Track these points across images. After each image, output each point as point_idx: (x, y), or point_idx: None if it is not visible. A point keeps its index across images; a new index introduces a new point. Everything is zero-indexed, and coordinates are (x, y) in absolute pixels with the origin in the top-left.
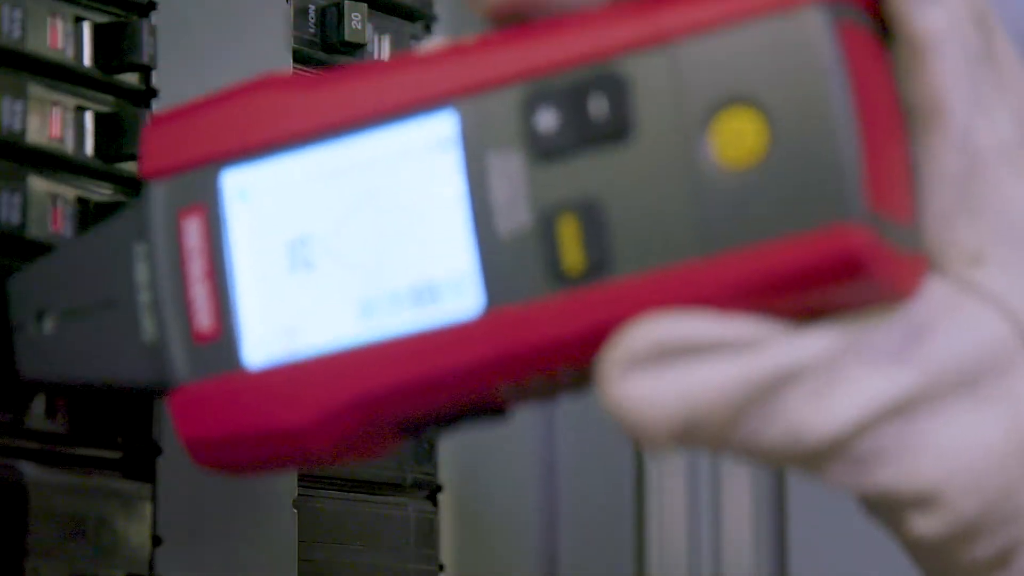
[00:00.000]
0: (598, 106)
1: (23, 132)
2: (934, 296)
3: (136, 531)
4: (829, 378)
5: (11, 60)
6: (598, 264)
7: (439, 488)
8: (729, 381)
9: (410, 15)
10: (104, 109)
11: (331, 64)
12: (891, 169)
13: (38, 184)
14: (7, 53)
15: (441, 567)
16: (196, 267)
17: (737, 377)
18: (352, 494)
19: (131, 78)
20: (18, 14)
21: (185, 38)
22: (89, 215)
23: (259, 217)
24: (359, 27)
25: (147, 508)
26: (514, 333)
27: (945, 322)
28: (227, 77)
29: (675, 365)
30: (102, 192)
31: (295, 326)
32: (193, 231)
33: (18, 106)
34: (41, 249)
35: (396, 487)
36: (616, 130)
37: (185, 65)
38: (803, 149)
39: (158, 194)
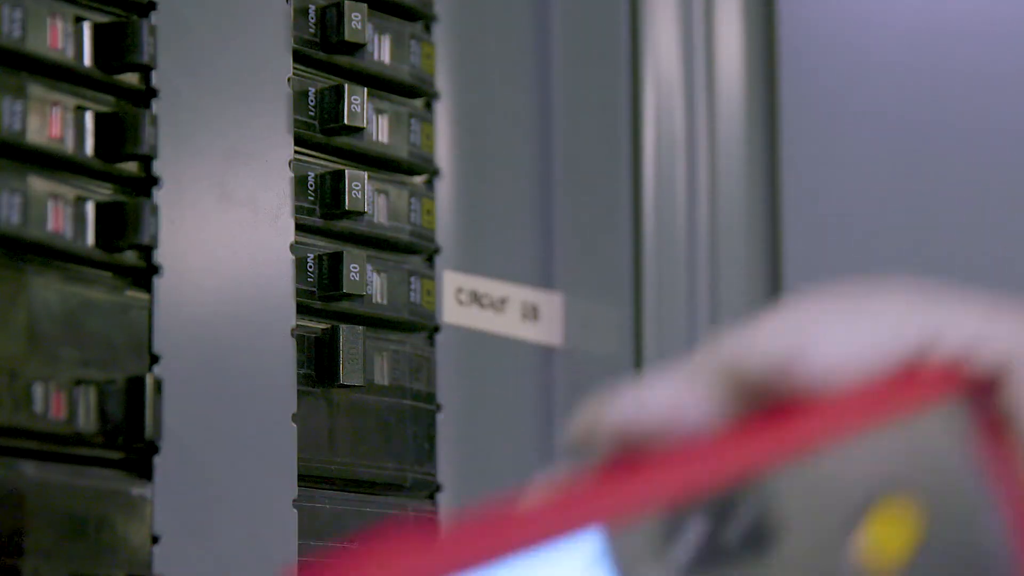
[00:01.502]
0: (742, 526)
1: (23, 132)
2: None
3: (136, 531)
4: None
5: (11, 60)
6: None
7: (439, 488)
8: None
9: (410, 15)
10: (104, 109)
11: (331, 64)
12: None
13: (38, 184)
14: (7, 53)
15: None
16: None
17: None
18: (352, 494)
19: (131, 78)
20: (18, 14)
21: (185, 38)
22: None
23: None
24: (359, 27)
25: (146, 508)
26: None
27: None
28: (227, 77)
29: None
30: (102, 192)
31: None
32: None
33: (18, 106)
34: (41, 249)
35: (396, 487)
36: (760, 547)
37: (185, 65)
38: (955, 546)
39: None
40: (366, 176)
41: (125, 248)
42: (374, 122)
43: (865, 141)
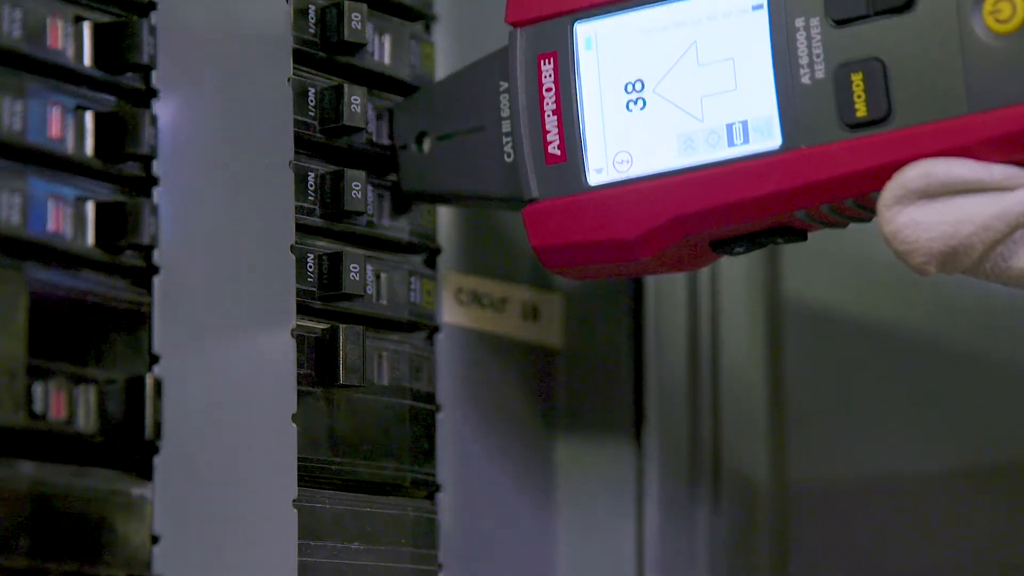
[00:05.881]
0: None
1: (23, 132)
2: None
3: (136, 530)
4: None
5: (11, 60)
6: (880, 116)
7: (439, 488)
8: (987, 216)
9: (410, 15)
10: (104, 109)
11: (331, 64)
12: None
13: (38, 184)
14: (7, 53)
15: (441, 567)
16: (550, 102)
17: (994, 213)
18: (352, 494)
19: (131, 78)
20: (18, 14)
21: (185, 38)
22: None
23: (602, 62)
24: (359, 27)
25: (146, 507)
26: (808, 168)
27: None
28: (227, 77)
29: (943, 200)
30: (102, 192)
31: (628, 155)
32: (548, 72)
33: (18, 106)
34: (42, 249)
35: (396, 487)
36: (901, 0)
37: (185, 65)
38: None
39: (521, 40)
40: (366, 176)
41: (125, 248)
42: (374, 122)
43: None
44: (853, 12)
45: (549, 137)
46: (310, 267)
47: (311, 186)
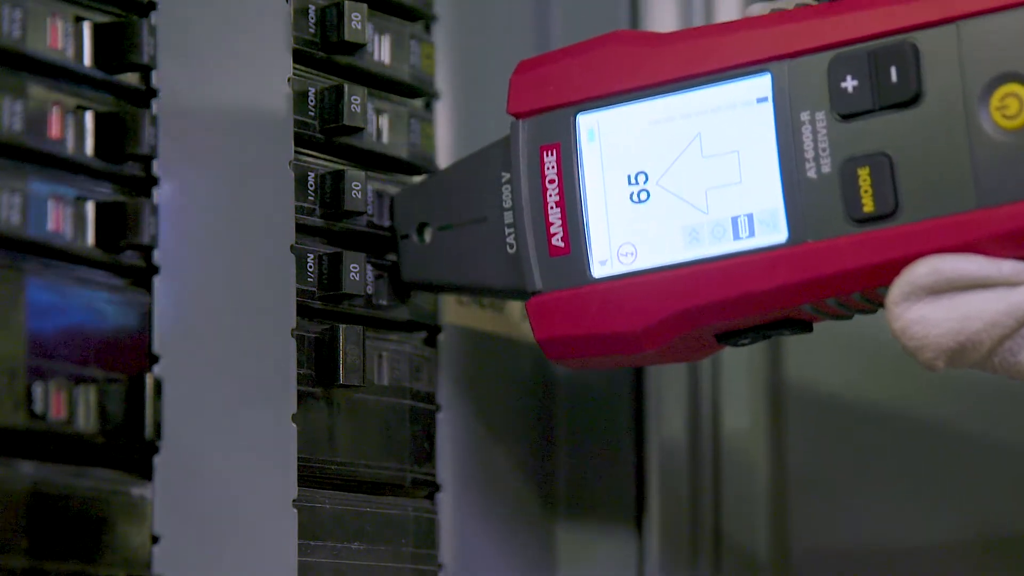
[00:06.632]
0: (894, 73)
1: (23, 132)
2: None
3: (136, 530)
4: None
5: (11, 60)
6: (887, 211)
7: (439, 488)
8: (995, 312)
9: (410, 15)
10: (104, 109)
11: (331, 64)
12: None
13: (38, 183)
14: (7, 53)
15: (441, 567)
16: (554, 194)
17: (1002, 309)
18: (352, 494)
19: (131, 78)
20: (18, 14)
21: (185, 38)
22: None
23: (605, 154)
24: (359, 27)
25: (146, 507)
26: (815, 263)
27: None
28: (227, 77)
29: (951, 297)
30: (102, 192)
31: (633, 248)
32: (551, 164)
33: (18, 106)
34: (41, 249)
35: (396, 487)
36: (908, 95)
37: (185, 65)
38: None
39: (524, 132)
40: (366, 176)
41: (125, 248)
42: (374, 122)
43: None
44: (859, 107)
45: (552, 229)
46: (310, 267)
47: (311, 186)
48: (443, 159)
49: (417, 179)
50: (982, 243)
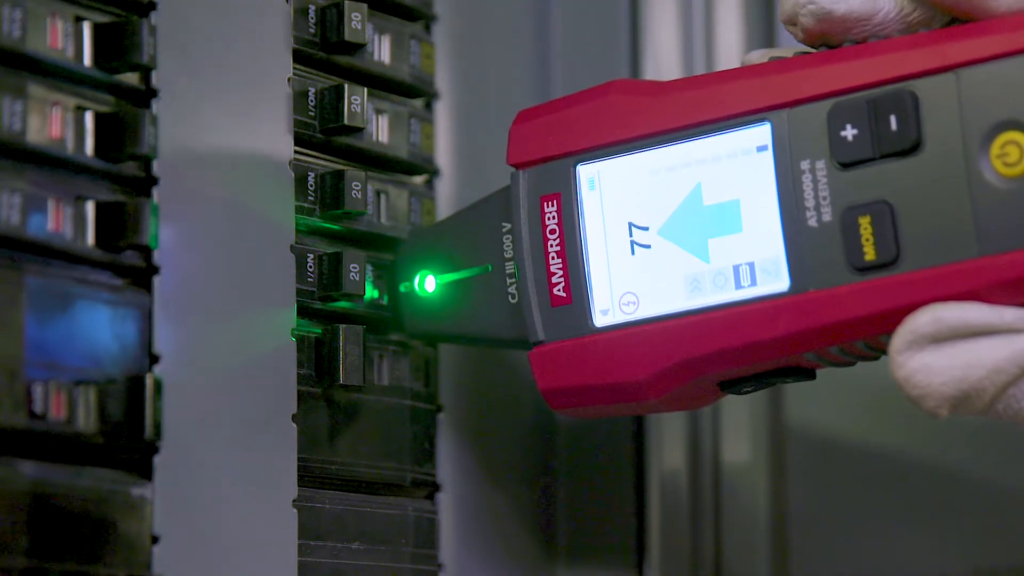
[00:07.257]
0: (894, 122)
1: (23, 132)
2: None
3: (136, 531)
4: None
5: (11, 60)
6: (889, 259)
7: (439, 488)
8: (998, 359)
9: (410, 15)
10: (104, 109)
11: (331, 64)
12: None
13: (38, 183)
14: (7, 53)
15: (441, 567)
16: (555, 244)
17: (1005, 356)
18: (352, 494)
19: (131, 78)
20: (18, 14)
21: (185, 38)
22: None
23: (606, 203)
24: (359, 27)
25: (146, 507)
26: (817, 311)
27: None
28: (227, 77)
29: (953, 344)
30: (102, 192)
31: (635, 297)
32: (552, 213)
33: (18, 106)
34: (41, 249)
35: (396, 487)
36: (908, 143)
37: (185, 65)
38: None
39: (524, 182)
40: (366, 176)
41: (125, 248)
42: (374, 122)
43: None
44: (859, 155)
45: (554, 279)
46: (310, 267)
47: (311, 186)
48: (443, 159)
49: (417, 179)
50: (984, 291)
